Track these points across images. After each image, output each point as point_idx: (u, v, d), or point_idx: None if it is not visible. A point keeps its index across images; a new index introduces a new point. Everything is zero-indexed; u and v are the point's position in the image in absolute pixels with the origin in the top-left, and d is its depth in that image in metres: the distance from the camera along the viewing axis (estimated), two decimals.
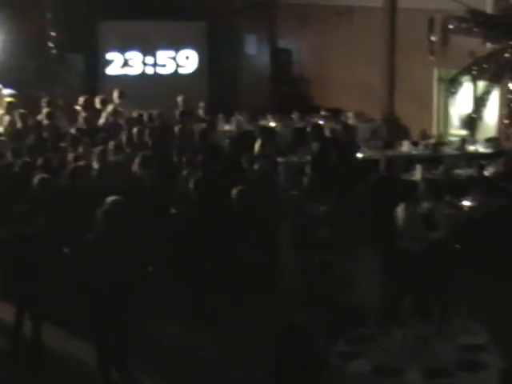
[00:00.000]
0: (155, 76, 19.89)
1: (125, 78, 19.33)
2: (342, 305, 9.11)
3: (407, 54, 17.00)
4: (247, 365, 8.69)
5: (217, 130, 14.52)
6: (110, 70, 19.47)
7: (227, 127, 16.35)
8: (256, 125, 15.92)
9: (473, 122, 14.29)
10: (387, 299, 9.75)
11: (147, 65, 19.82)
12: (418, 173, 13.04)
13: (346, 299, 9.52)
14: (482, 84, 14.45)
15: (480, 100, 14.16)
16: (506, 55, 13.78)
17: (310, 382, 7.62)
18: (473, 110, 14.28)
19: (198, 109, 15.42)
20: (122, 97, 14.83)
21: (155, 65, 19.90)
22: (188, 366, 8.92)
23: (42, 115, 13.93)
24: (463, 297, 9.34)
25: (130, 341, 8.50)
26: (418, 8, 15.99)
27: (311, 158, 12.48)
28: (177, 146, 12.43)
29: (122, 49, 19.52)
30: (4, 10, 16.53)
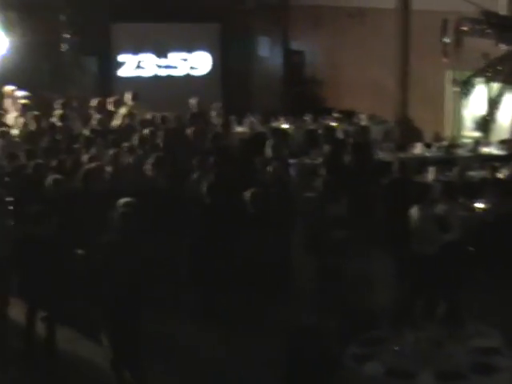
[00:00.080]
0: (168, 78, 19.91)
1: (138, 79, 19.37)
2: (355, 307, 9.10)
3: (420, 56, 16.96)
4: (259, 365, 8.70)
5: (232, 132, 14.53)
6: (122, 72, 19.50)
7: (240, 129, 16.36)
8: (268, 126, 15.92)
9: (486, 123, 14.24)
10: (400, 301, 9.74)
11: (160, 67, 19.84)
12: (431, 175, 13.01)
13: (359, 301, 9.51)
14: (496, 86, 14.40)
15: (493, 102, 14.10)
16: None
17: (322, 383, 7.61)
18: (486, 111, 14.23)
19: (212, 110, 15.42)
20: (135, 99, 14.87)
21: (168, 67, 19.93)
22: (199, 365, 8.93)
23: (55, 117, 13.98)
24: (476, 299, 9.32)
25: (142, 341, 8.51)
26: (431, 10, 15.95)
27: (323, 160, 12.47)
28: (189, 147, 12.45)
29: (134, 51, 19.57)
30: (17, 12, 16.58)
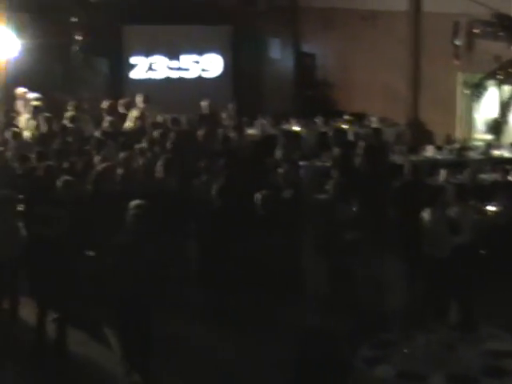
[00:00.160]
0: (179, 80, 19.93)
1: (149, 81, 19.40)
2: (366, 309, 9.08)
3: (432, 59, 16.93)
4: (268, 366, 8.69)
5: (245, 134, 14.54)
6: (134, 74, 19.54)
7: (251, 131, 16.36)
8: (279, 129, 15.92)
9: (498, 126, 14.21)
10: (412, 304, 9.71)
11: (172, 69, 19.87)
12: (442, 177, 12.97)
13: (370, 303, 9.50)
14: (507, 88, 14.37)
15: (505, 104, 14.08)
16: None
17: None
18: (498, 114, 14.20)
19: (225, 111, 15.43)
20: (146, 101, 14.89)
21: (179, 69, 19.94)
22: (209, 366, 8.94)
23: (66, 119, 14.02)
24: (488, 302, 9.29)
25: (152, 342, 8.52)
26: (443, 12, 15.93)
27: (332, 163, 12.46)
28: (199, 149, 12.46)
29: (146, 53, 19.59)
30: (29, 14, 16.64)
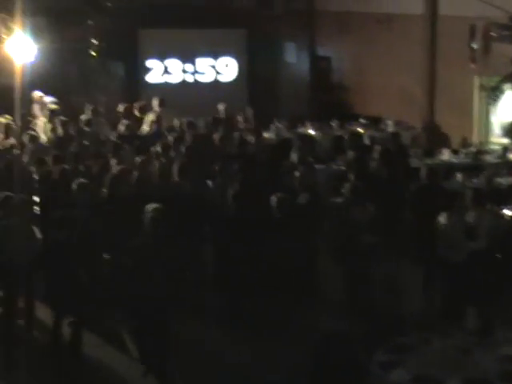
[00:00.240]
0: (195, 84, 19.97)
1: (165, 85, 19.45)
2: (382, 313, 9.06)
3: (448, 62, 16.88)
4: (284, 370, 8.68)
5: (263, 138, 14.54)
6: (150, 78, 19.59)
7: (266, 135, 16.35)
8: (295, 132, 15.91)
9: None
10: (428, 308, 9.68)
11: (187, 73, 19.90)
12: (458, 181, 12.93)
13: (386, 307, 9.47)
14: None
15: None
16: None
17: None
18: None
19: (241, 115, 15.43)
20: (162, 105, 14.93)
21: (195, 72, 19.98)
22: (225, 370, 8.93)
23: (82, 122, 14.07)
24: (505, 307, 9.24)
25: (169, 345, 8.53)
26: (459, 15, 15.89)
27: (347, 166, 12.45)
28: (215, 153, 12.48)
29: (161, 56, 19.65)
30: (46, 18, 16.71)
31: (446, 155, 15.18)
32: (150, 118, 14.45)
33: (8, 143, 12.79)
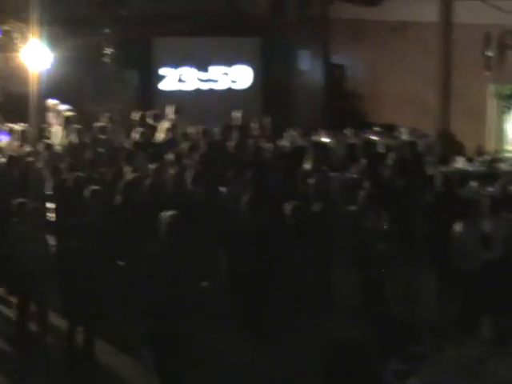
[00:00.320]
0: (209, 92, 20.01)
1: (179, 93, 19.50)
2: (397, 321, 9.01)
3: (462, 70, 16.84)
4: (299, 378, 8.66)
5: (279, 146, 14.54)
6: (164, 86, 19.65)
7: (280, 142, 16.35)
8: (309, 140, 15.90)
9: None
10: (443, 317, 9.62)
11: (201, 80, 19.95)
12: (473, 189, 12.87)
13: (401, 315, 9.41)
14: None
15: None
16: None
17: None
18: None
19: (256, 122, 15.44)
20: (177, 112, 14.97)
21: (209, 80, 20.02)
22: (239, 377, 8.93)
23: (97, 130, 14.12)
24: None
25: (185, 354, 8.51)
26: (474, 23, 15.86)
27: (360, 174, 12.42)
28: (230, 160, 12.49)
29: (175, 64, 19.71)
30: (61, 27, 16.80)
31: (460, 163, 15.13)
32: (164, 125, 14.48)
33: (23, 151, 12.85)
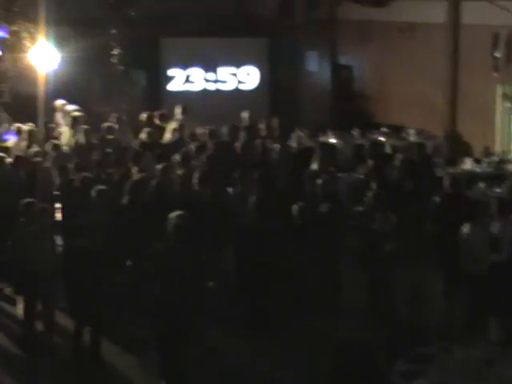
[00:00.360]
0: (217, 92, 20.01)
1: (186, 93, 19.50)
2: (404, 322, 9.00)
3: (470, 71, 16.80)
4: (306, 379, 8.65)
5: (286, 146, 14.52)
6: (172, 86, 19.66)
7: (288, 143, 16.33)
8: (316, 141, 15.89)
9: None
10: (450, 318, 9.61)
11: (209, 81, 19.96)
12: (480, 191, 12.84)
13: (408, 316, 9.41)
14: None
15: None
16: None
17: None
18: None
19: (263, 123, 15.42)
20: (185, 113, 14.97)
21: (217, 81, 20.03)
22: (246, 378, 8.93)
23: (104, 130, 14.14)
24: None
25: (191, 354, 8.52)
26: (482, 24, 15.81)
27: (367, 175, 12.41)
28: (237, 160, 12.49)
29: (183, 65, 19.71)
30: (69, 28, 16.84)
31: (468, 164, 15.09)
32: (172, 126, 14.48)
33: (31, 151, 12.87)
